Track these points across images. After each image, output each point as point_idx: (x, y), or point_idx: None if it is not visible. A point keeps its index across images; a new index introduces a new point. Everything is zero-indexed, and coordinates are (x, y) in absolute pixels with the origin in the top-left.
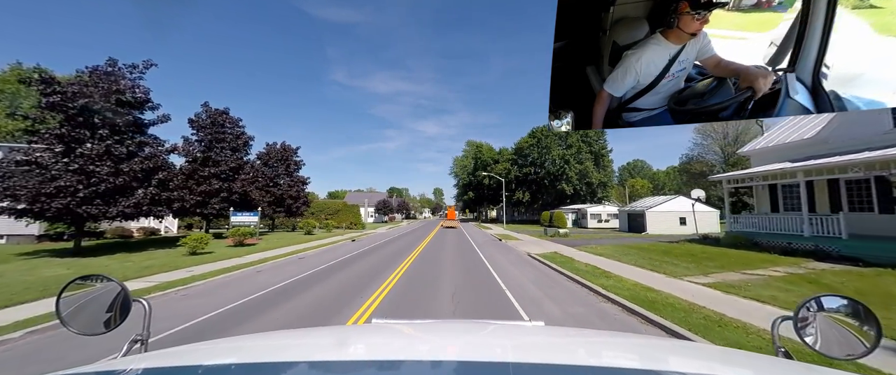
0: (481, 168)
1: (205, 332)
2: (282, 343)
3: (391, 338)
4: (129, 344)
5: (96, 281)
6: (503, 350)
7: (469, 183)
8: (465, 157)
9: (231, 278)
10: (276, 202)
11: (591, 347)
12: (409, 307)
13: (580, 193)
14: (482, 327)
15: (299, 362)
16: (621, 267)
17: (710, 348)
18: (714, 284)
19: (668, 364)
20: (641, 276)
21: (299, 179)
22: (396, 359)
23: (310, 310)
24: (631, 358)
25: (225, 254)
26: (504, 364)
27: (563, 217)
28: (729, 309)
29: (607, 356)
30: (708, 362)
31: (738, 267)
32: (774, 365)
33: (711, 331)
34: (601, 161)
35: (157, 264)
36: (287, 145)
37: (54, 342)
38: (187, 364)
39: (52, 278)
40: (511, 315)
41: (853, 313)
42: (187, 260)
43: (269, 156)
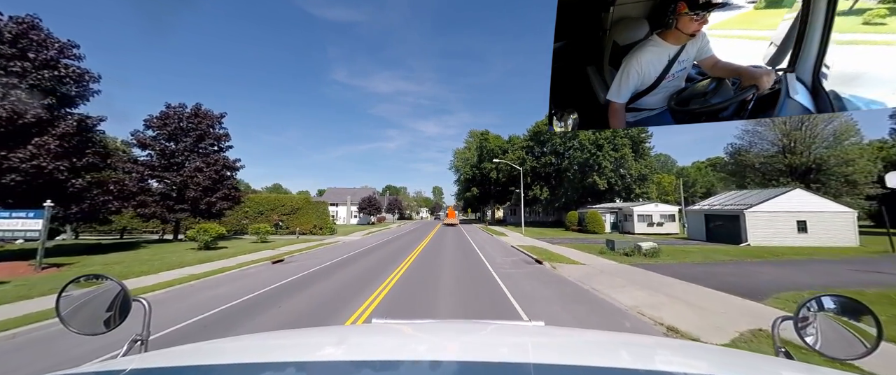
0: (487, 158)
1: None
2: (282, 342)
3: (391, 338)
4: (129, 344)
5: (96, 280)
6: (503, 350)
7: (472, 177)
8: (466, 149)
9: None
10: (172, 195)
11: (590, 347)
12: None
13: (615, 188)
14: (482, 327)
15: (299, 362)
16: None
17: (710, 348)
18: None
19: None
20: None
21: (221, 162)
22: (396, 359)
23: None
24: (631, 358)
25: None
26: (504, 365)
27: (599, 218)
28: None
29: (607, 356)
30: (708, 362)
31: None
32: (775, 366)
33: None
34: (640, 148)
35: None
36: (203, 110)
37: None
38: (187, 364)
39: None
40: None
41: (853, 313)
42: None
43: (166, 124)
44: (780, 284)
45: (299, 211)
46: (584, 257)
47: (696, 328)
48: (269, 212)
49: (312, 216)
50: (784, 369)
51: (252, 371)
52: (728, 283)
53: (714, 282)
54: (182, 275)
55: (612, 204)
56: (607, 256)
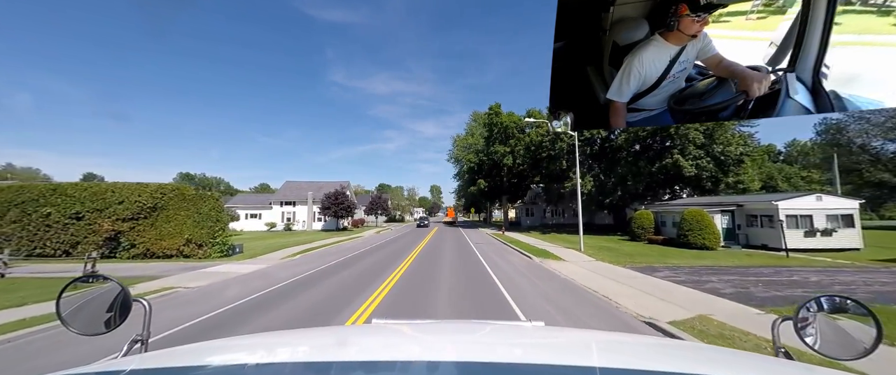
0: (500, 140)
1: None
2: (282, 343)
3: (391, 338)
4: (130, 344)
5: (96, 281)
6: (503, 350)
7: (478, 166)
8: (469, 134)
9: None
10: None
11: (590, 347)
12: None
13: (702, 176)
14: (482, 327)
15: (299, 362)
16: None
17: (710, 348)
18: None
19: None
20: None
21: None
22: (396, 359)
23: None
24: (631, 358)
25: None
26: (504, 365)
27: (708, 221)
28: None
29: (607, 356)
30: (708, 362)
31: None
32: (775, 366)
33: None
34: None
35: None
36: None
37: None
38: (187, 365)
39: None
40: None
41: (853, 313)
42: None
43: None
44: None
45: (160, 215)
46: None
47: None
48: (94, 216)
49: (187, 222)
50: (784, 369)
51: (252, 371)
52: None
53: None
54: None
55: (720, 199)
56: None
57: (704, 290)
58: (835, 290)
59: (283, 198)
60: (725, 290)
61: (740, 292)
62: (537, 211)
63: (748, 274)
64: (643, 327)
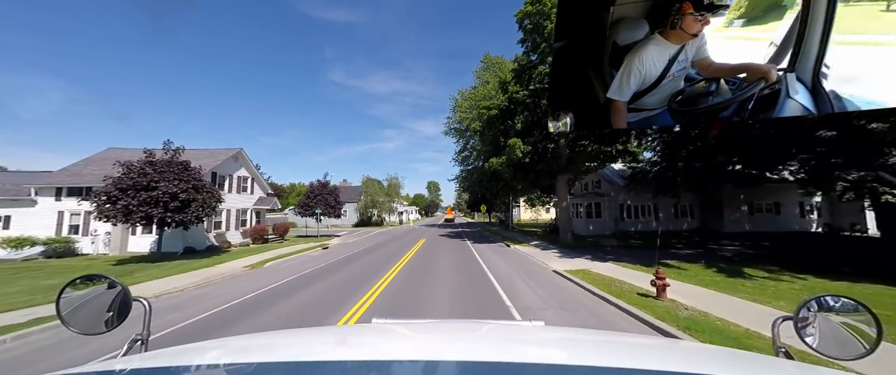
0: (523, 81)
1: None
2: (282, 342)
3: (391, 338)
4: (130, 344)
5: (96, 280)
6: (503, 349)
7: (507, 110)
8: (483, 83)
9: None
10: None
11: (590, 347)
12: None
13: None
14: (481, 327)
15: (299, 362)
16: None
17: (710, 348)
18: None
19: (668, 364)
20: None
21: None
22: (396, 359)
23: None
24: (631, 358)
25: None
26: (503, 364)
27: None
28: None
29: (607, 355)
30: (709, 362)
31: None
32: (775, 366)
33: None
34: None
35: None
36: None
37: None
38: (187, 364)
39: None
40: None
41: (854, 313)
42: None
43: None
44: None
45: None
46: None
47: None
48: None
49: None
50: (784, 369)
51: (252, 370)
52: None
53: None
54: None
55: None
56: None
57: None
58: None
59: (72, 183)
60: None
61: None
62: (607, 207)
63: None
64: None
